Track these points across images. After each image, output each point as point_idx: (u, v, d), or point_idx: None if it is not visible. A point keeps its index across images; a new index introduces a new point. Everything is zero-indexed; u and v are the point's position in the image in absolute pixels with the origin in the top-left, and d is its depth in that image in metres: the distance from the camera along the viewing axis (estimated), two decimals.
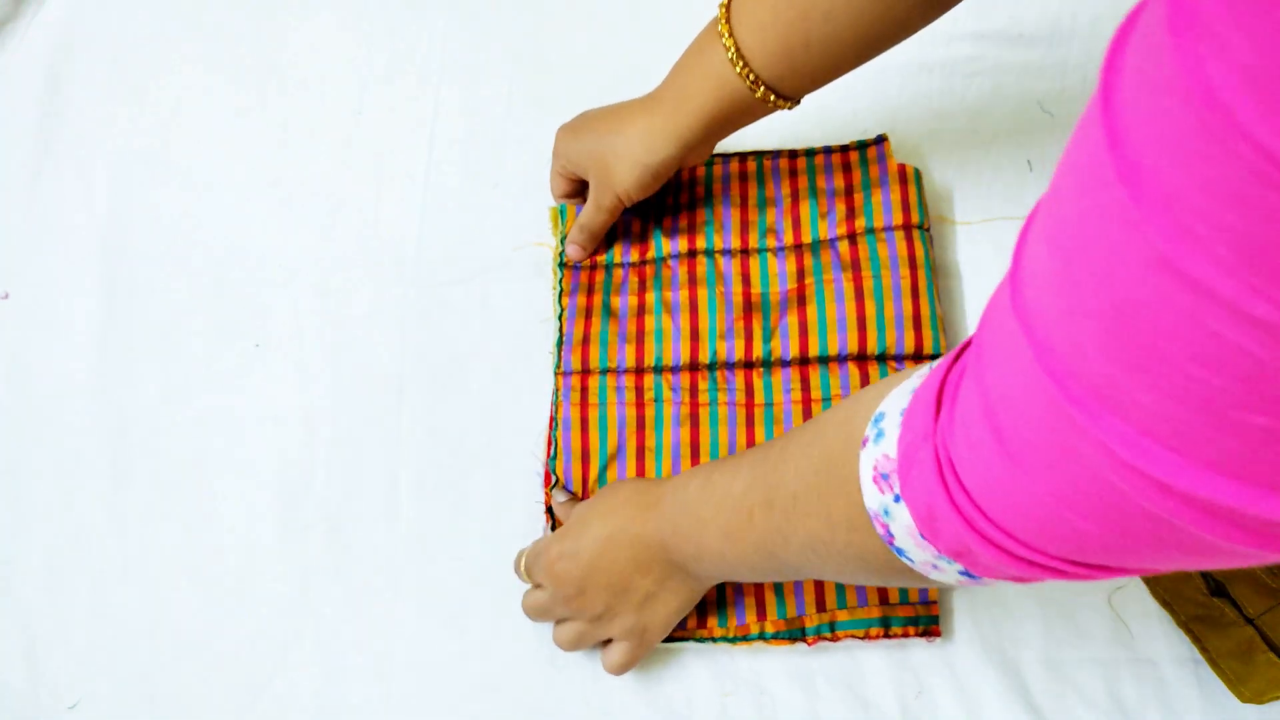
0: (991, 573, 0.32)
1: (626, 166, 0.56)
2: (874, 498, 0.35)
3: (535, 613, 0.55)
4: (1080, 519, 0.27)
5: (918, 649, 0.56)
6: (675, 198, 0.66)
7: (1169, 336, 0.20)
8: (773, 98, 0.52)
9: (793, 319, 0.61)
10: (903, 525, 0.34)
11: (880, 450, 0.34)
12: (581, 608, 0.52)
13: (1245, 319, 0.18)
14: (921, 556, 0.34)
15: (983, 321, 0.30)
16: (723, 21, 0.51)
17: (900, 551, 0.35)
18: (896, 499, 0.33)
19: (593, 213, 0.60)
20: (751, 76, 0.51)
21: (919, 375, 0.35)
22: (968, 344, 0.32)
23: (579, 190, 0.64)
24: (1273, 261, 0.17)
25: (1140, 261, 0.19)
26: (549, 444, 0.61)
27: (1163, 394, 0.21)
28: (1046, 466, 0.26)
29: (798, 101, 0.53)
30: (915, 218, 0.62)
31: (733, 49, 0.50)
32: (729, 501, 0.45)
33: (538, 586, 0.54)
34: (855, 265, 0.61)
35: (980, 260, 0.64)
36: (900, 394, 0.35)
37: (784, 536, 0.42)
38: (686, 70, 0.54)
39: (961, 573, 0.34)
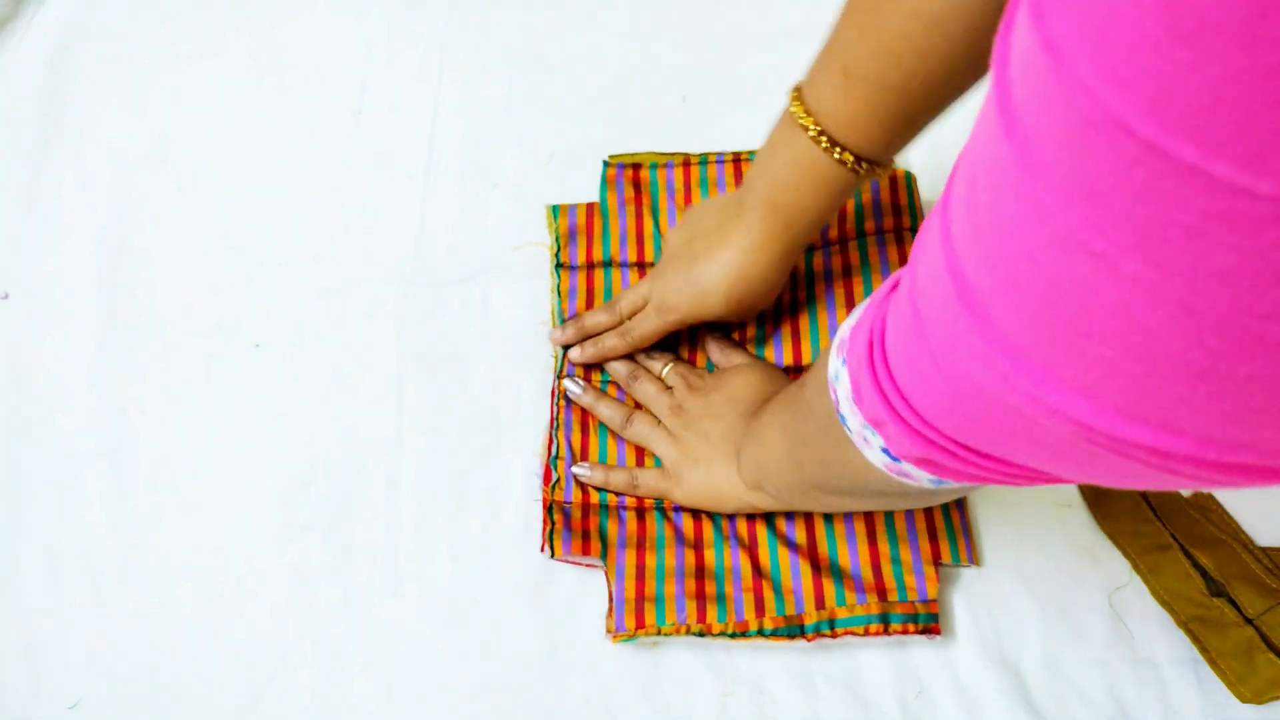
0: (902, 450, 0.34)
1: (719, 304, 0.56)
2: (833, 364, 0.38)
3: (647, 395, 0.60)
4: (962, 405, 0.29)
5: (918, 649, 0.56)
6: (671, 199, 0.66)
7: (1035, 265, 0.21)
8: (874, 170, 0.50)
9: (786, 327, 0.61)
10: (844, 391, 0.36)
11: (850, 324, 0.38)
12: (678, 419, 0.58)
13: (1083, 249, 0.19)
14: (855, 424, 0.37)
15: (927, 219, 0.33)
16: (803, 114, 0.49)
17: (842, 419, 0.38)
18: (843, 363, 0.36)
19: (650, 334, 0.59)
20: (853, 161, 0.49)
21: None
22: None
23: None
24: (1103, 198, 0.18)
25: (1013, 195, 0.21)
26: (549, 444, 0.61)
27: (1030, 317, 0.23)
28: (945, 353, 0.28)
29: (889, 163, 0.51)
30: (906, 220, 0.62)
31: (825, 142, 0.48)
32: (794, 390, 0.50)
33: (661, 386, 0.60)
34: (846, 271, 0.62)
35: None
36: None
37: (799, 411, 0.46)
38: (780, 187, 0.52)
39: (883, 450, 0.36)
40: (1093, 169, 0.18)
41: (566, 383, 0.61)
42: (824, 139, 0.48)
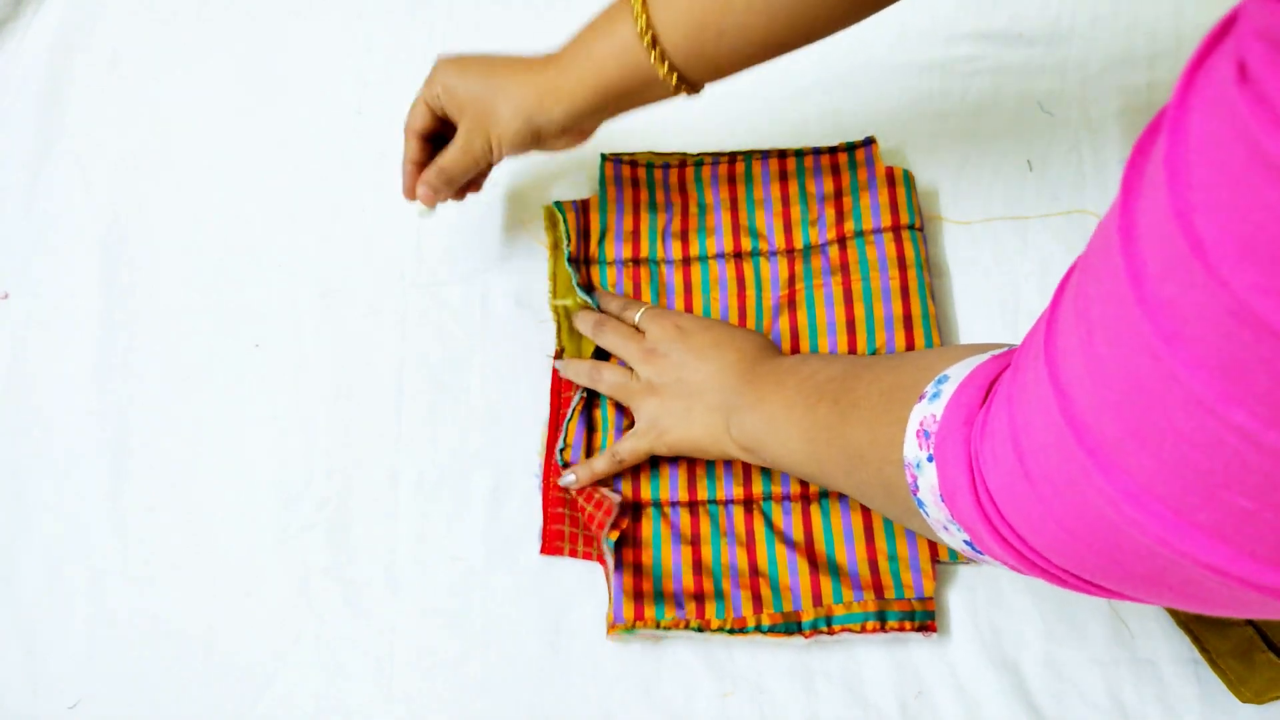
0: (991, 553, 0.34)
1: (510, 115, 0.53)
2: (912, 449, 0.37)
3: (615, 342, 0.59)
4: (1083, 545, 0.29)
5: (918, 649, 0.56)
6: (668, 199, 0.66)
7: (1170, 420, 0.22)
8: (675, 80, 0.49)
9: (784, 323, 0.61)
10: (928, 483, 0.36)
11: (931, 409, 0.36)
12: (653, 365, 0.57)
13: (1222, 419, 0.20)
14: (936, 515, 0.36)
15: (1020, 350, 0.32)
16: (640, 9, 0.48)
17: (920, 504, 0.37)
18: (930, 458, 0.35)
19: (457, 155, 0.56)
20: (658, 54, 0.48)
21: (990, 353, 0.37)
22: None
23: (436, 129, 0.58)
24: (1244, 378, 0.19)
25: (1146, 356, 0.22)
26: (548, 444, 0.61)
27: (1163, 464, 0.23)
28: (1059, 495, 0.28)
29: (700, 89, 0.51)
30: (905, 219, 0.62)
31: (643, 21, 0.48)
32: (809, 383, 0.49)
33: (631, 331, 0.59)
34: (844, 269, 0.62)
35: (980, 260, 0.64)
36: (967, 365, 0.37)
37: (831, 433, 0.45)
38: (593, 35, 0.52)
39: (966, 542, 0.35)
40: (1236, 353, 0.19)
41: (556, 363, 0.62)
42: (646, 29, 0.48)
